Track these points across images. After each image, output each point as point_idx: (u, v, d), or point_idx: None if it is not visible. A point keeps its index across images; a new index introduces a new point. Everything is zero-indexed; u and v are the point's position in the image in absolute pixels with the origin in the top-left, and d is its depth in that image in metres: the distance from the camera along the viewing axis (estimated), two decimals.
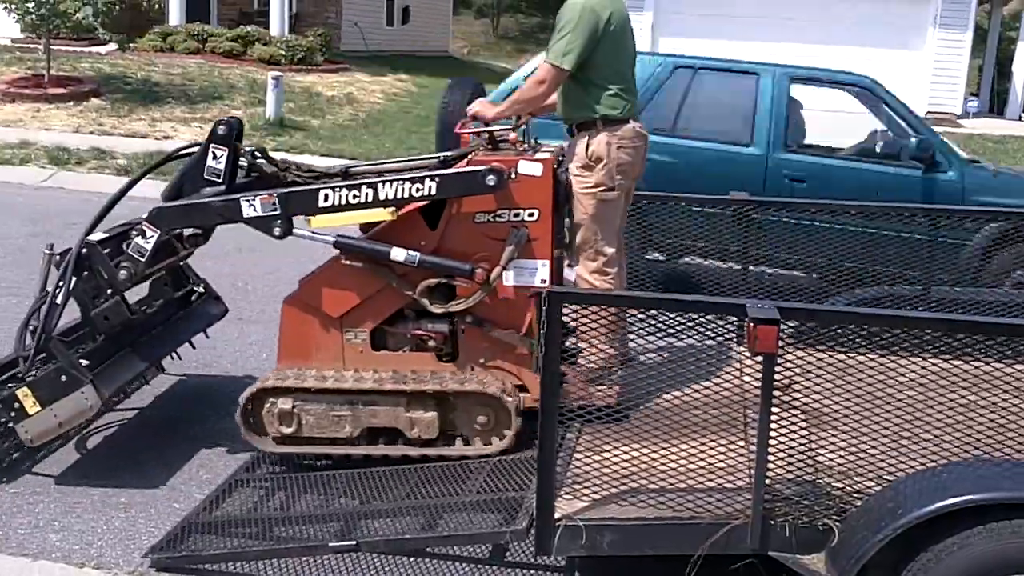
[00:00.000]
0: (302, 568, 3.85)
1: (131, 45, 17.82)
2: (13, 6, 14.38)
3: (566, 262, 4.73)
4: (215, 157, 4.51)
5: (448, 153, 4.63)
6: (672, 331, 3.15)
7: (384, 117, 16.40)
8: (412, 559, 3.90)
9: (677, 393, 3.44)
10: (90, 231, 4.54)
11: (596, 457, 3.46)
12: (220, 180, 4.51)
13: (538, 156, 4.35)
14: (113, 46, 17.33)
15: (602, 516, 3.26)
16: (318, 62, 19.54)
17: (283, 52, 18.96)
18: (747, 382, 3.83)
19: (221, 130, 4.51)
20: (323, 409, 4.33)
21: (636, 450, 3.35)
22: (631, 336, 3.84)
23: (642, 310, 3.26)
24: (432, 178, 4.24)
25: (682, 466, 3.30)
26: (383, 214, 4.33)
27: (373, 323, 4.46)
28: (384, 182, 4.25)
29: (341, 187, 4.29)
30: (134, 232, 4.50)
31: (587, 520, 3.24)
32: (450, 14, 33.24)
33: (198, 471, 4.58)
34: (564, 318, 3.15)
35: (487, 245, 4.30)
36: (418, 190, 4.24)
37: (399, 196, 4.26)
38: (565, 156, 4.61)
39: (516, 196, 4.28)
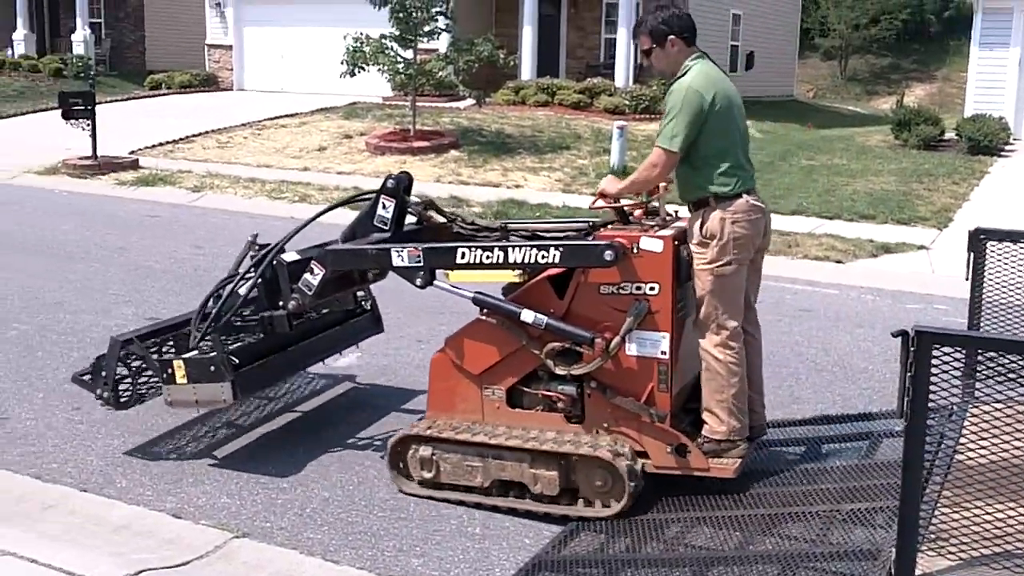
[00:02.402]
0: None
1: (487, 99, 18.91)
2: (386, 68, 15.68)
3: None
4: (384, 207, 5.02)
5: (596, 220, 4.92)
6: None
7: None
8: None
9: None
10: (281, 248, 5.06)
11: (963, 514, 3.23)
12: (387, 228, 4.99)
13: (660, 233, 4.53)
14: (471, 101, 18.47)
15: None
16: (661, 111, 19.77)
17: (627, 102, 19.39)
18: None
19: (390, 184, 4.99)
20: (458, 459, 4.63)
21: (1011, 509, 3.10)
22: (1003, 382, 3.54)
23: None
24: (556, 248, 4.51)
25: None
26: (511, 276, 4.68)
27: (509, 382, 4.72)
28: (514, 247, 4.59)
29: (476, 247, 4.63)
30: (308, 266, 4.94)
31: None
32: (795, 57, 32.68)
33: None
34: None
35: (611, 315, 4.50)
36: (543, 257, 4.53)
37: (526, 261, 4.57)
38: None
39: (638, 270, 4.46)
